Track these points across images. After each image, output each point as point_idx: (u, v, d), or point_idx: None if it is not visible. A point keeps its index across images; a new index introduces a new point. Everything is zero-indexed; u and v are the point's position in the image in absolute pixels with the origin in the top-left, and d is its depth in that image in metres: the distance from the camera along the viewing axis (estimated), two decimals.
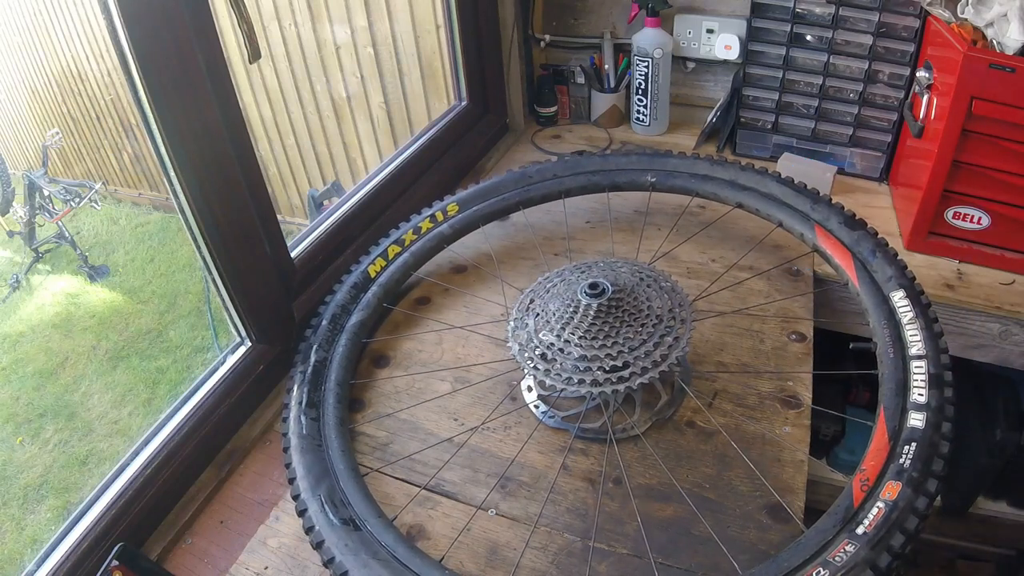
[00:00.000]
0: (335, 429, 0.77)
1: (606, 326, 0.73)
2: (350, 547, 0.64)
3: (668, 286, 0.80)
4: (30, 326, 3.23)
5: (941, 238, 1.08)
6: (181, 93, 0.72)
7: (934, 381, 0.67)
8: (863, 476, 0.62)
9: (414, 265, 1.01)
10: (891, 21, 1.17)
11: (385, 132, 2.75)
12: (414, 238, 1.02)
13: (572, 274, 0.82)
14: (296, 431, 0.76)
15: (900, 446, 0.63)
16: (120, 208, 4.10)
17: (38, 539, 2.24)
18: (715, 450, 0.76)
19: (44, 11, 3.62)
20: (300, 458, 0.73)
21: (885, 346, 0.73)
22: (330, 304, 0.93)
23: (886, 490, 0.59)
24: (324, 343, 0.87)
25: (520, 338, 0.77)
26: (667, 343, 0.73)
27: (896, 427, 0.65)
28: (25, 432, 2.66)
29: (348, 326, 0.90)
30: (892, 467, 0.61)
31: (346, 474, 0.72)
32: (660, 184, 1.04)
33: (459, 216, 1.05)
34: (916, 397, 0.66)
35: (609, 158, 1.09)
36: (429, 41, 2.37)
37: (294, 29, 2.72)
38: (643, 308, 0.75)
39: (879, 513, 0.58)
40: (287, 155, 3.10)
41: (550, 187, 1.08)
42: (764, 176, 0.99)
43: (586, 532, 0.69)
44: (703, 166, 1.03)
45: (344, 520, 0.66)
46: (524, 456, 0.78)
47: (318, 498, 0.69)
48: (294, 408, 0.79)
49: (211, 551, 0.74)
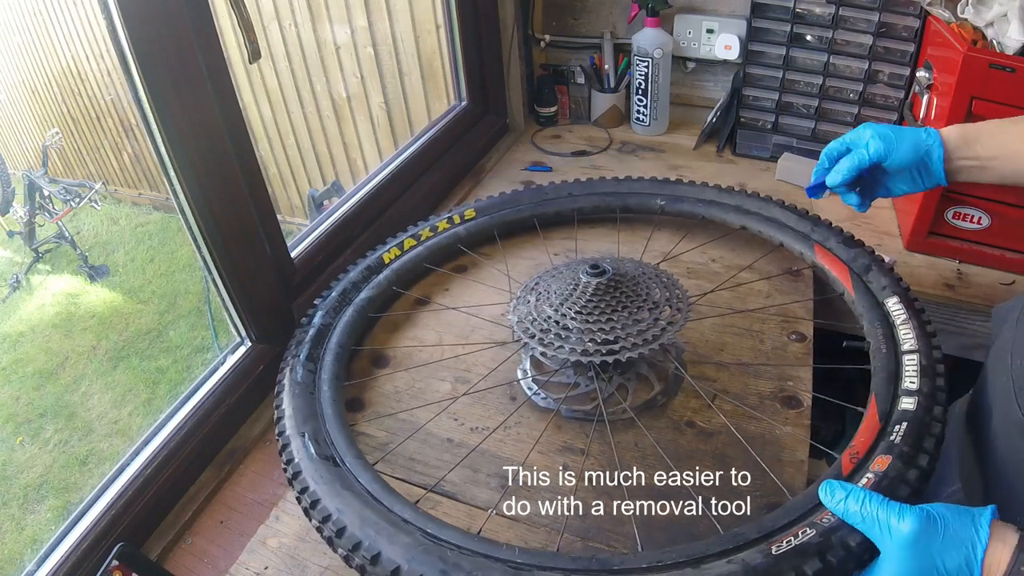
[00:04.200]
0: (329, 382, 0.79)
1: (603, 303, 0.77)
2: (325, 479, 0.64)
3: (668, 282, 0.83)
4: (30, 326, 3.23)
5: (941, 238, 1.08)
6: (181, 93, 0.72)
7: (926, 371, 0.69)
8: (852, 451, 0.63)
9: (428, 259, 1.05)
10: (891, 21, 1.17)
11: (385, 132, 2.74)
12: (430, 235, 1.06)
13: (577, 264, 0.85)
14: (291, 378, 0.78)
15: (891, 426, 0.64)
16: (120, 208, 4.10)
17: (38, 539, 2.24)
18: (715, 450, 0.76)
19: (44, 11, 3.62)
20: (291, 401, 0.75)
21: (878, 344, 0.76)
22: (342, 280, 0.96)
23: (876, 463, 0.60)
24: (331, 311, 0.90)
25: (520, 312, 0.81)
26: (660, 326, 0.76)
27: (887, 410, 0.67)
28: (25, 432, 2.66)
29: (356, 300, 0.93)
30: (882, 444, 0.63)
31: (333, 420, 0.73)
32: (669, 208, 1.10)
33: (475, 221, 1.09)
34: (908, 385, 0.68)
35: (623, 182, 1.14)
36: (429, 41, 2.37)
37: (294, 29, 2.72)
38: (641, 294, 0.79)
39: (868, 482, 0.58)
40: (287, 155, 3.10)
41: (564, 204, 1.13)
42: (768, 203, 1.04)
43: (586, 532, 0.69)
44: (710, 192, 1.09)
45: (324, 456, 0.67)
46: (525, 456, 0.78)
47: (302, 435, 0.70)
48: (292, 360, 0.81)
49: (211, 551, 0.74)
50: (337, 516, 0.61)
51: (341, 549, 0.60)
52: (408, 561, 0.56)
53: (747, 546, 0.55)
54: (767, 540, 0.55)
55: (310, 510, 0.64)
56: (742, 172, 1.36)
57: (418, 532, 0.59)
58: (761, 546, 0.54)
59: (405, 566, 0.56)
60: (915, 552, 0.51)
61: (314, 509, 0.63)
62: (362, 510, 0.61)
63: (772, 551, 0.54)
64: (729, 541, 0.56)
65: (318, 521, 0.62)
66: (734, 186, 1.10)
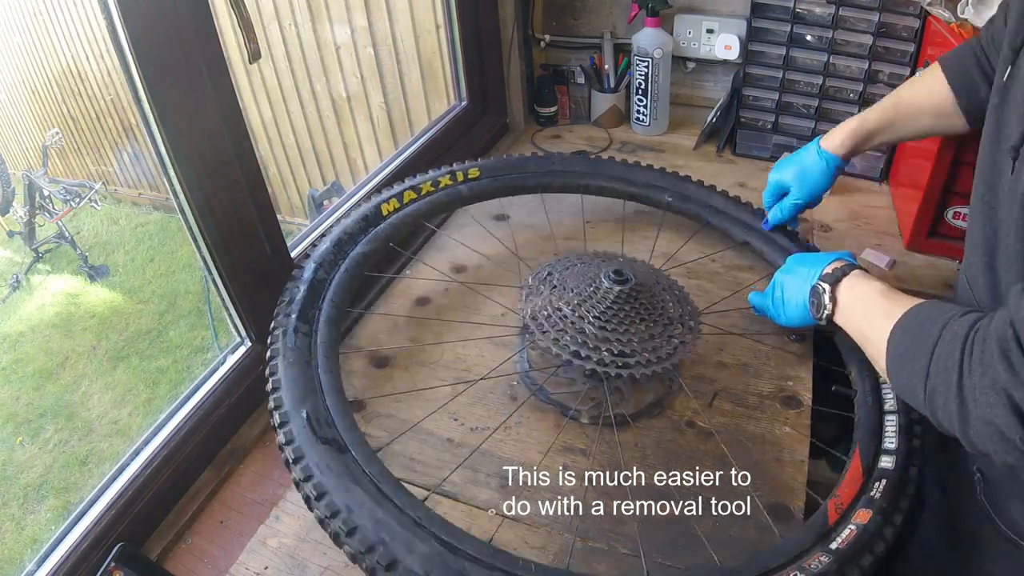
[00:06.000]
0: (325, 347, 0.74)
1: (622, 312, 0.76)
2: (332, 468, 0.61)
3: (680, 295, 0.84)
4: (30, 326, 3.23)
5: (941, 238, 1.08)
6: (181, 93, 0.72)
7: (904, 430, 0.73)
8: (837, 501, 0.66)
9: (427, 215, 1.00)
10: (891, 21, 1.17)
11: (385, 132, 2.74)
12: (431, 189, 1.01)
13: (591, 259, 0.84)
14: (284, 343, 0.73)
15: (872, 481, 0.68)
16: (120, 208, 4.10)
17: (38, 539, 2.24)
18: (715, 450, 0.76)
19: (44, 11, 3.62)
20: (286, 371, 0.70)
21: (864, 394, 0.79)
22: (335, 228, 0.89)
23: (858, 516, 0.64)
24: (326, 264, 0.83)
25: (533, 304, 0.79)
26: (674, 345, 0.76)
27: (869, 465, 0.71)
28: (25, 432, 2.66)
29: (352, 254, 0.87)
30: (864, 497, 0.67)
31: (331, 393, 0.69)
32: (675, 205, 1.09)
33: (479, 181, 1.04)
34: (887, 444, 0.72)
35: (633, 168, 1.12)
36: (429, 41, 2.37)
37: (294, 29, 2.72)
38: (658, 307, 0.78)
39: (851, 533, 0.62)
40: (287, 155, 3.10)
41: (570, 179, 1.10)
42: None
43: (586, 532, 0.69)
44: (719, 200, 1.08)
45: (326, 439, 0.63)
46: (525, 456, 0.77)
47: (302, 414, 0.65)
48: (283, 319, 0.75)
49: (211, 551, 0.74)
50: (347, 513, 0.58)
51: (348, 547, 0.58)
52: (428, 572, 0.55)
53: None
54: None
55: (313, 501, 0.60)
56: (742, 172, 1.36)
57: (432, 539, 0.57)
58: None
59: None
60: (786, 270, 0.83)
61: (319, 501, 0.60)
62: (369, 503, 0.58)
63: None
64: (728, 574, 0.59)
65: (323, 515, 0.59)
66: (739, 196, 1.10)
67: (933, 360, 0.54)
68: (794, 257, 0.84)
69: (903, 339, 0.59)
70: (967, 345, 0.52)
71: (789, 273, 0.83)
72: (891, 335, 0.60)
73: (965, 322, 0.53)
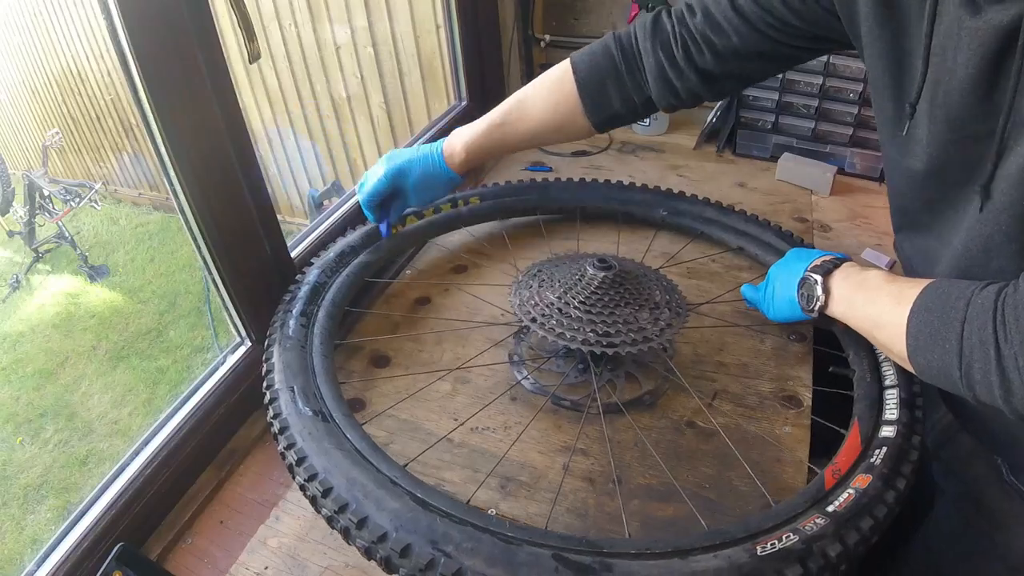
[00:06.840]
0: (321, 337, 0.78)
1: (606, 297, 0.77)
2: (314, 435, 0.63)
3: (669, 286, 0.84)
4: (30, 326, 3.24)
5: None
6: (181, 93, 0.72)
7: (905, 403, 0.72)
8: (834, 468, 0.65)
9: (431, 234, 1.07)
10: None
11: (385, 132, 2.75)
12: (433, 213, 1.08)
13: (581, 257, 0.86)
14: (282, 332, 0.77)
15: (872, 449, 0.67)
16: (120, 208, 4.11)
17: (38, 539, 2.25)
18: (715, 450, 0.76)
19: (44, 11, 3.63)
20: (281, 354, 0.73)
21: (863, 373, 0.77)
22: (339, 242, 0.95)
23: (857, 480, 0.62)
24: (327, 270, 0.89)
25: (522, 295, 0.82)
26: (659, 327, 0.77)
27: (869, 435, 0.69)
28: (25, 432, 2.66)
29: (354, 263, 0.93)
30: (863, 464, 0.65)
31: (324, 375, 0.72)
32: (670, 220, 1.12)
33: (479, 205, 1.12)
34: (888, 415, 0.71)
35: (628, 189, 1.16)
36: (429, 41, 2.37)
37: (294, 29, 2.72)
38: (644, 294, 0.79)
39: (849, 497, 0.60)
40: (287, 155, 3.11)
41: (568, 201, 1.15)
42: (765, 228, 1.05)
43: (586, 532, 0.69)
44: (711, 211, 1.11)
45: (314, 411, 0.66)
46: (525, 456, 0.78)
47: (290, 389, 0.68)
48: (283, 314, 0.80)
49: (211, 551, 0.74)
50: (324, 476, 0.59)
51: (325, 510, 0.59)
52: (396, 529, 0.55)
53: (733, 544, 0.56)
54: (752, 540, 0.56)
55: (295, 467, 0.62)
56: (742, 172, 1.36)
57: (407, 496, 0.57)
58: (746, 545, 0.55)
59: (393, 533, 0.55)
60: (779, 265, 0.84)
61: (300, 467, 0.61)
62: (351, 469, 0.59)
63: (757, 552, 0.54)
64: (716, 537, 0.56)
65: (303, 479, 0.61)
66: (734, 205, 1.12)
67: (964, 336, 0.53)
68: (793, 251, 0.85)
69: (927, 320, 0.57)
70: (997, 316, 0.51)
71: (781, 266, 0.83)
72: (910, 318, 0.59)
73: (989, 294, 0.53)
